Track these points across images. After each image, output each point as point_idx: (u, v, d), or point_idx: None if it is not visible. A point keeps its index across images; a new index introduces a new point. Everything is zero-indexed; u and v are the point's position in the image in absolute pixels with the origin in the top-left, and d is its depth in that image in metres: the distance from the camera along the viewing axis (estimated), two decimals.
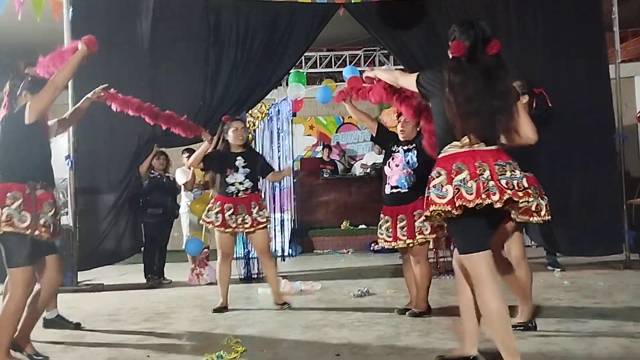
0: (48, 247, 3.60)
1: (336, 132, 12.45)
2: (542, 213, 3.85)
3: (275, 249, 8.59)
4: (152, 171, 7.03)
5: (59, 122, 4.09)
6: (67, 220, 7.32)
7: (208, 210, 5.15)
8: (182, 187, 7.43)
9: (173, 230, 7.43)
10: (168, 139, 6.39)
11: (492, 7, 7.01)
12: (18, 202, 3.33)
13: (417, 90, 3.11)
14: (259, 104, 7.70)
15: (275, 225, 8.76)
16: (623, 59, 7.57)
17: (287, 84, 8.75)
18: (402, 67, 8.67)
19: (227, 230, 5.05)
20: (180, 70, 6.78)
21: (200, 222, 5.46)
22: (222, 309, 5.06)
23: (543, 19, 6.95)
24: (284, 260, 9.04)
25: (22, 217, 3.32)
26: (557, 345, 3.54)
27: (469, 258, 2.90)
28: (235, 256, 7.86)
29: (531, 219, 3.83)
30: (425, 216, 2.94)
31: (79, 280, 6.74)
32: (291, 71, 8.10)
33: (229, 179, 5.07)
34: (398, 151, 4.65)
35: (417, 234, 4.46)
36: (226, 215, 5.03)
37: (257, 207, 5.11)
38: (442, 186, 2.84)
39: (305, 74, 9.30)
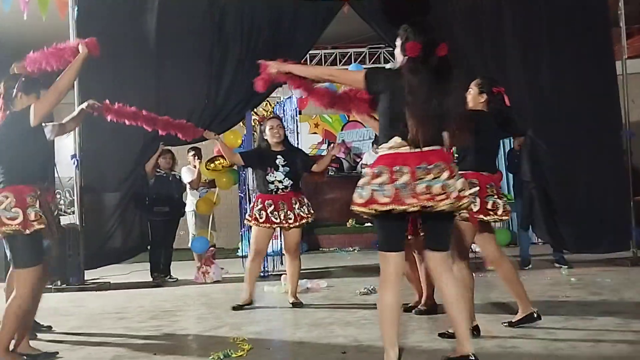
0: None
1: (341, 130, 12.44)
2: (500, 212, 3.76)
3: (281, 247, 8.60)
4: (158, 169, 7.04)
5: (58, 127, 4.08)
6: (73, 219, 7.36)
7: (250, 210, 5.23)
8: (188, 186, 7.44)
9: (179, 229, 7.44)
10: (174, 138, 6.37)
11: (497, 3, 6.98)
12: (38, 203, 3.41)
13: (362, 87, 3.08)
14: (264, 102, 7.70)
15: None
16: (630, 55, 7.52)
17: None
18: None
19: (273, 226, 5.10)
20: (185, 68, 6.78)
21: (245, 221, 5.51)
22: (245, 305, 5.09)
23: (548, 15, 6.93)
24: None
25: (45, 216, 3.42)
26: (564, 343, 3.52)
27: (381, 255, 2.98)
28: (241, 254, 7.91)
29: (485, 218, 3.73)
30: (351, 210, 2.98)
31: (85, 279, 6.76)
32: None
33: (269, 177, 5.12)
34: None
35: (419, 230, 4.44)
36: (268, 211, 5.07)
37: (298, 204, 5.16)
38: (363, 187, 2.89)
39: None
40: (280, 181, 5.13)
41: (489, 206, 3.72)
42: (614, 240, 6.74)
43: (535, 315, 3.90)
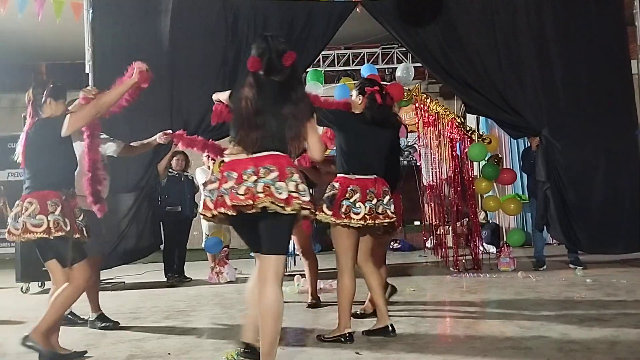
0: (83, 250, 3.75)
1: None
2: (357, 218, 3.72)
3: (294, 248, 8.60)
4: (170, 170, 7.07)
5: (125, 147, 4.38)
6: None
7: None
8: (202, 187, 7.46)
9: (193, 229, 7.47)
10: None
11: (511, 2, 6.94)
12: (59, 209, 3.51)
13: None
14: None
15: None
16: None
17: (304, 83, 8.75)
18: (420, 64, 8.63)
19: None
20: (199, 69, 6.81)
21: None
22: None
23: (563, 15, 6.87)
24: (302, 258, 9.04)
25: (65, 222, 3.52)
26: (579, 344, 3.49)
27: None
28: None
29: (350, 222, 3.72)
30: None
31: (100, 279, 6.80)
32: (309, 69, 8.10)
33: None
34: None
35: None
36: None
37: None
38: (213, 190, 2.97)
39: (323, 72, 9.30)
40: None
41: (343, 210, 3.69)
42: (629, 240, 6.66)
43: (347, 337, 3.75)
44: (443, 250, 8.12)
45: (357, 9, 6.92)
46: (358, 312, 4.52)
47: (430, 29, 6.87)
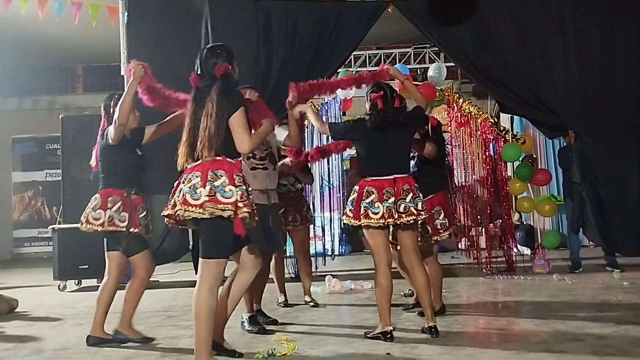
0: (144, 242, 4.07)
1: None
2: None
3: (325, 248, 8.63)
4: None
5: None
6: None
7: None
8: None
9: None
10: None
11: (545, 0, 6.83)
12: (117, 205, 3.90)
13: None
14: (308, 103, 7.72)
15: (324, 224, 8.78)
16: None
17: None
18: (452, 63, 8.56)
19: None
20: None
21: None
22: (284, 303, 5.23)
23: (599, 11, 6.72)
24: (333, 259, 9.06)
25: (121, 217, 3.89)
26: (615, 348, 3.43)
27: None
28: (286, 254, 7.95)
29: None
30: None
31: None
32: (340, 70, 8.10)
33: (282, 181, 5.08)
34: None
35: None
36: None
37: (305, 206, 5.37)
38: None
39: (354, 72, 9.29)
40: (292, 184, 5.23)
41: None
42: None
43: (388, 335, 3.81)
44: (476, 251, 8.03)
45: (389, 9, 6.89)
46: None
47: (462, 28, 6.80)
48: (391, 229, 3.99)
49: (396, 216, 3.78)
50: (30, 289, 7.20)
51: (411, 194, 3.84)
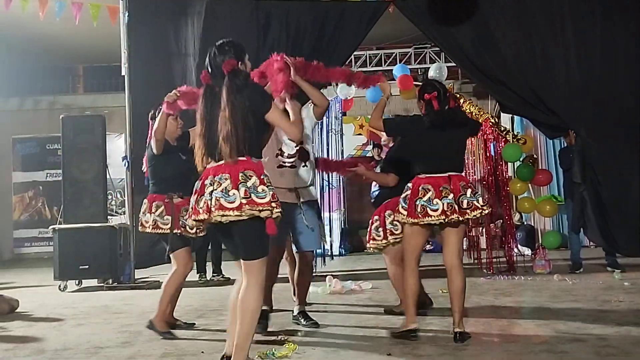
0: (187, 241, 4.35)
1: None
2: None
3: (325, 248, 8.62)
4: None
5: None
6: (124, 219, 7.54)
7: None
8: None
9: None
10: None
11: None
12: (160, 210, 4.28)
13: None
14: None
15: (325, 225, 8.78)
16: None
17: (336, 84, 8.75)
18: (453, 63, 8.56)
19: None
20: None
21: None
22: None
23: (601, 10, 6.71)
24: (332, 259, 9.06)
25: (164, 220, 4.26)
26: (616, 349, 3.42)
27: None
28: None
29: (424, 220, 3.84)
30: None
31: (136, 278, 6.93)
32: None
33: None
34: None
35: (388, 234, 4.57)
36: None
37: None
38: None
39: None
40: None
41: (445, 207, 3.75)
42: None
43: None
44: (477, 252, 8.03)
45: (390, 9, 6.89)
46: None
47: (463, 28, 6.80)
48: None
49: (458, 211, 3.74)
50: (31, 289, 7.19)
51: (470, 190, 3.80)
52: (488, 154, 7.64)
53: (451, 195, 3.74)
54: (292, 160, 4.32)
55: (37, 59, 12.25)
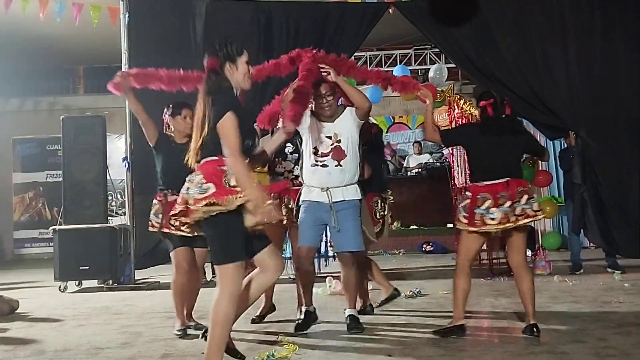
0: (185, 240, 4.13)
1: (387, 132, 12.38)
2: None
3: (326, 249, 8.61)
4: None
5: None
6: (124, 220, 7.54)
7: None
8: None
9: None
10: None
11: (546, 1, 6.83)
12: (155, 208, 4.25)
13: None
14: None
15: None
16: None
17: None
18: (453, 64, 8.56)
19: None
20: None
21: None
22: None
23: (601, 12, 6.73)
24: (335, 259, 9.03)
25: (158, 218, 4.21)
26: (617, 350, 3.42)
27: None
28: (285, 256, 7.95)
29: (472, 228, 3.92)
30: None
31: (136, 279, 6.93)
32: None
33: (278, 169, 4.71)
34: None
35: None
36: None
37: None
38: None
39: None
40: (290, 171, 4.68)
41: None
42: None
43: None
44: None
45: (390, 10, 6.90)
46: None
47: (463, 30, 6.80)
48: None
49: (513, 219, 3.78)
50: (31, 289, 7.19)
51: (526, 196, 3.84)
52: None
53: (508, 203, 3.79)
54: (324, 159, 4.18)
55: (37, 59, 12.24)
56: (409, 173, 10.92)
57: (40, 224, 12.08)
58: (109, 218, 7.52)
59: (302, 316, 4.37)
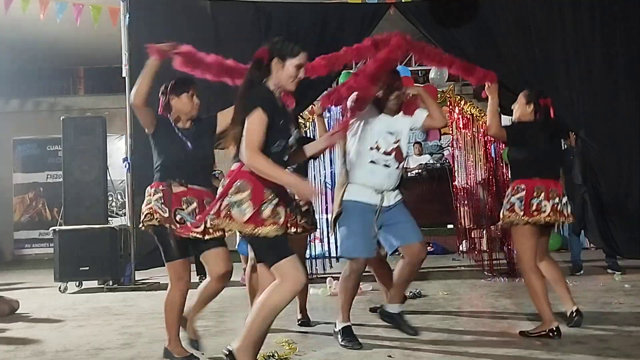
0: (199, 243, 3.61)
1: None
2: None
3: (329, 250, 8.61)
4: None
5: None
6: (125, 220, 7.55)
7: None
8: None
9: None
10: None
11: (546, 3, 6.83)
12: (156, 198, 3.48)
13: None
14: (310, 106, 7.73)
15: (328, 227, 8.76)
16: None
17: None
18: None
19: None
20: None
21: None
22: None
23: (600, 15, 6.73)
24: (338, 261, 9.04)
25: (163, 208, 3.46)
26: (617, 351, 3.42)
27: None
28: None
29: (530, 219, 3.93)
30: None
31: (136, 279, 6.93)
32: (342, 72, 8.09)
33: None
34: None
35: None
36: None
37: (312, 210, 4.60)
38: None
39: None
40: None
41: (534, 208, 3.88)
42: None
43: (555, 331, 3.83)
44: (477, 254, 8.02)
45: (390, 11, 6.90)
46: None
47: (464, 30, 6.81)
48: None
49: (558, 215, 3.90)
50: (31, 290, 7.20)
51: (565, 198, 4.00)
52: (488, 156, 7.63)
53: (557, 198, 3.91)
54: (387, 158, 3.78)
55: (37, 60, 12.26)
56: (409, 174, 10.90)
57: (40, 225, 12.09)
58: (109, 219, 7.53)
59: (342, 330, 3.86)
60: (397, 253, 4.16)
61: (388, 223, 3.84)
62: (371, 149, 3.76)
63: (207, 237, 3.54)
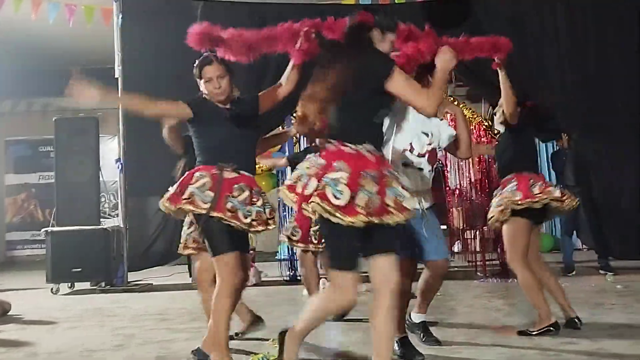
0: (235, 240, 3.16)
1: None
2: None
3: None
4: None
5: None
6: (117, 221, 7.53)
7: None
8: None
9: None
10: None
11: (540, 4, 6.87)
12: (203, 181, 3.13)
13: None
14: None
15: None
16: None
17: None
18: None
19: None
20: None
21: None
22: None
23: (594, 16, 6.77)
24: None
25: (205, 196, 3.09)
26: (609, 352, 3.43)
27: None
28: (280, 257, 7.95)
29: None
30: None
31: (129, 280, 6.90)
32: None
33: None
34: None
35: None
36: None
37: None
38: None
39: None
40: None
41: None
42: None
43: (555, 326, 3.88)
44: (470, 255, 8.04)
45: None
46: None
47: (457, 32, 6.80)
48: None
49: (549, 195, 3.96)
50: (23, 292, 7.16)
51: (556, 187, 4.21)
52: (481, 157, 7.66)
53: (543, 186, 4.03)
54: (420, 160, 3.61)
55: (30, 61, 12.19)
56: None
57: (32, 226, 12.04)
58: (101, 220, 7.50)
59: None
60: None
61: (425, 234, 3.63)
62: (403, 150, 3.55)
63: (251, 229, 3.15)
